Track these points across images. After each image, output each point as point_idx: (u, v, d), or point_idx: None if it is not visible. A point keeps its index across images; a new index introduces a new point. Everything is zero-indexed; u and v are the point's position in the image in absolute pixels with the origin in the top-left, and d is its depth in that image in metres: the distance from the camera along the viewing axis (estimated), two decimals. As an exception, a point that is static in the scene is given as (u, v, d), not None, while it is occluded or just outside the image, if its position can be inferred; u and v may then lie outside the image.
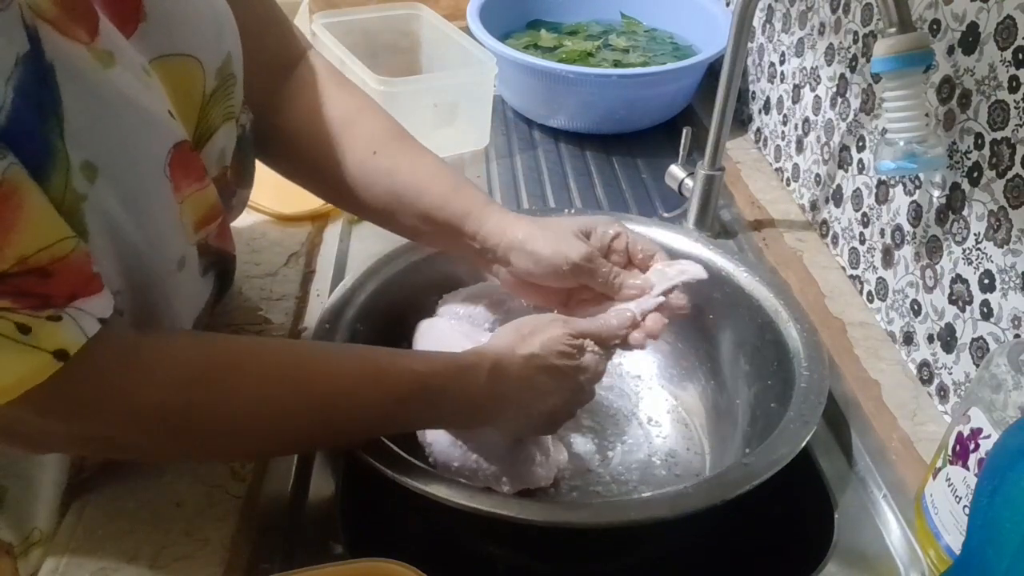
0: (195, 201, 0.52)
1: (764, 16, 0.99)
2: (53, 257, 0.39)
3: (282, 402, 0.50)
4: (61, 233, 0.40)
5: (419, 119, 0.98)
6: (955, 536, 0.53)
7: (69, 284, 0.40)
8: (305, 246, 0.82)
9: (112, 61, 0.44)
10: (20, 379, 0.39)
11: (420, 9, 1.12)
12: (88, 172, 0.42)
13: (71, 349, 0.40)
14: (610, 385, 0.79)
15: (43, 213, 0.39)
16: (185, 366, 0.47)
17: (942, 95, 0.66)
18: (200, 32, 0.53)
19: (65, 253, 0.40)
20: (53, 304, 0.40)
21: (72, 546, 0.53)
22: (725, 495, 0.53)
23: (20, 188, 0.38)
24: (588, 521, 0.54)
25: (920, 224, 0.69)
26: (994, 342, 0.60)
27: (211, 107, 0.55)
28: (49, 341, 0.40)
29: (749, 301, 0.73)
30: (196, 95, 0.53)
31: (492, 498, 0.55)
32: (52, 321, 0.40)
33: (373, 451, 0.55)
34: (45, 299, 0.39)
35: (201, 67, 0.53)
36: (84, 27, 0.42)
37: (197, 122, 0.54)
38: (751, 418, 0.68)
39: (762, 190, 0.95)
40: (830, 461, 0.65)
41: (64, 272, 0.40)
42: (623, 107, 1.04)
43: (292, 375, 0.51)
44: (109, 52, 0.44)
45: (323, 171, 0.66)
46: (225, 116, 0.57)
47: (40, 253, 0.39)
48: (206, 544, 0.53)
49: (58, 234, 0.40)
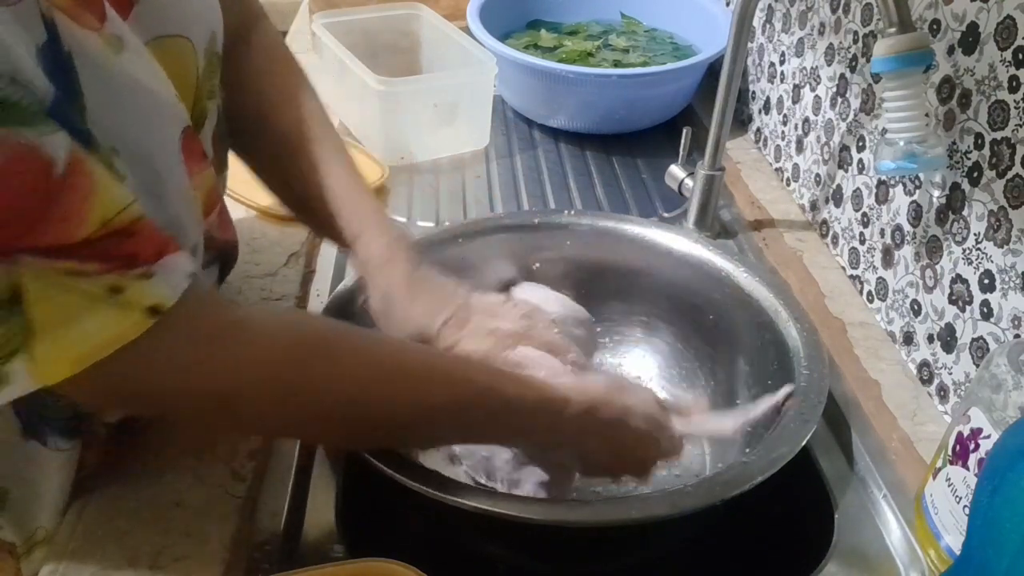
0: (199, 184, 0.52)
1: (764, 16, 0.99)
2: (132, 218, 0.40)
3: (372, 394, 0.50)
4: (130, 196, 0.40)
5: (419, 119, 0.98)
6: (955, 536, 0.53)
7: (153, 242, 0.41)
8: (305, 246, 0.82)
9: (121, 46, 0.44)
10: (113, 337, 0.39)
11: (420, 9, 1.12)
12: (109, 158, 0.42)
13: (164, 304, 0.40)
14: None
15: (111, 179, 0.39)
16: (278, 339, 0.47)
17: (942, 95, 0.66)
18: (190, 11, 0.53)
19: (141, 215, 0.40)
20: (142, 262, 0.40)
21: (72, 546, 0.53)
22: (725, 494, 0.53)
23: (85, 158, 0.38)
24: (588, 520, 0.54)
25: (920, 224, 0.69)
26: (994, 342, 0.60)
27: (202, 89, 0.54)
28: (141, 298, 0.40)
29: (749, 301, 0.73)
30: (191, 76, 0.53)
31: (492, 497, 0.55)
32: (142, 279, 0.40)
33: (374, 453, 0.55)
34: (133, 258, 0.40)
35: (193, 47, 0.52)
36: (93, 13, 0.42)
37: (193, 104, 0.53)
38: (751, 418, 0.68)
39: (762, 190, 0.95)
40: (830, 461, 0.65)
41: (146, 231, 0.40)
42: (623, 107, 1.04)
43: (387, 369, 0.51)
44: (118, 37, 0.44)
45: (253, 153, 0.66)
46: (209, 95, 0.56)
47: (120, 215, 0.39)
48: (206, 544, 0.53)
49: (128, 197, 0.40)
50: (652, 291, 0.80)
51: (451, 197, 0.95)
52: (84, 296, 0.38)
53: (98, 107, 0.41)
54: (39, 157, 0.36)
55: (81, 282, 0.38)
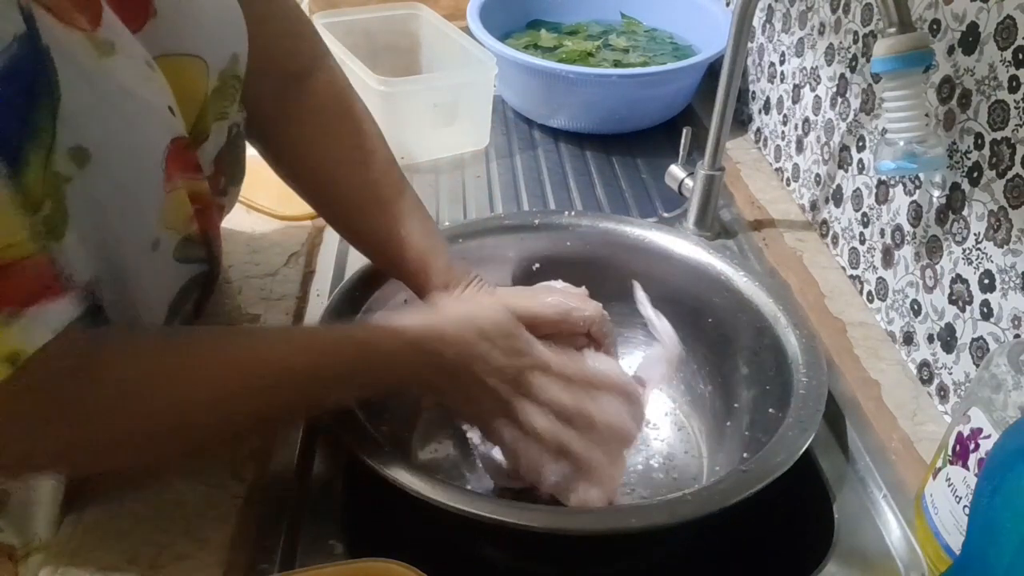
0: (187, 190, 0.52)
1: (764, 16, 1.00)
2: (12, 257, 0.38)
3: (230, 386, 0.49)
4: (21, 235, 0.39)
5: (419, 119, 0.98)
6: (955, 536, 0.53)
7: (27, 286, 0.39)
8: (305, 246, 0.82)
9: (112, 51, 0.44)
10: None
11: (420, 9, 1.12)
12: (79, 156, 0.42)
13: (23, 353, 0.39)
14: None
15: (4, 211, 0.38)
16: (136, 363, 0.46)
17: (942, 95, 0.66)
18: (208, 33, 0.53)
19: (24, 255, 0.39)
20: (6, 305, 0.38)
21: (72, 546, 0.53)
22: (724, 502, 0.53)
23: None
24: (588, 528, 0.54)
25: (920, 224, 0.69)
26: (994, 342, 0.60)
27: (208, 108, 0.55)
28: (2, 345, 0.38)
29: (748, 305, 0.72)
30: (198, 95, 0.53)
31: (493, 503, 0.55)
32: (4, 325, 0.38)
33: (374, 454, 0.55)
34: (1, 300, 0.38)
35: (206, 68, 0.53)
36: (86, 15, 0.43)
37: (195, 122, 0.54)
38: (749, 423, 0.68)
39: (762, 190, 0.95)
40: (830, 461, 0.65)
41: (21, 274, 0.39)
42: (623, 107, 1.04)
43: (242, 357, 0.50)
44: (110, 42, 0.44)
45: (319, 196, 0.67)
46: (217, 116, 0.57)
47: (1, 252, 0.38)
48: (206, 544, 0.53)
49: (17, 234, 0.39)
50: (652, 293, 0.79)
51: (451, 197, 0.95)
52: None
53: (75, 104, 0.41)
54: None
55: None
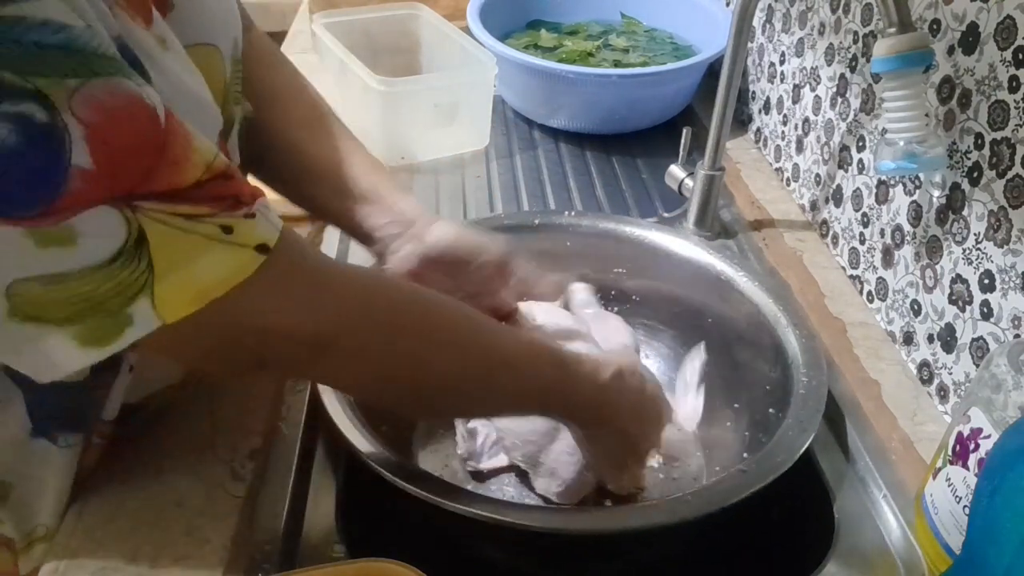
0: None
1: (764, 16, 1.00)
2: (225, 163, 0.41)
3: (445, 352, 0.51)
4: (216, 147, 0.41)
5: (419, 119, 0.98)
6: (955, 536, 0.53)
7: (247, 185, 0.43)
8: (305, 246, 0.82)
9: (166, 46, 0.45)
10: (231, 273, 0.41)
11: (420, 9, 1.12)
12: None
13: (270, 242, 0.42)
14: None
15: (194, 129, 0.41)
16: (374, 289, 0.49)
17: (942, 95, 0.66)
18: (216, 20, 0.53)
19: (228, 160, 0.42)
20: (244, 203, 0.42)
21: (72, 546, 0.53)
22: (724, 502, 0.54)
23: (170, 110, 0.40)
24: (588, 528, 0.55)
25: (920, 224, 0.69)
26: (994, 342, 0.60)
27: (230, 95, 0.55)
28: (250, 237, 0.41)
29: (748, 306, 0.72)
30: (220, 84, 0.53)
31: (492, 504, 0.55)
32: (248, 219, 0.41)
33: (374, 455, 0.55)
34: (237, 200, 0.41)
35: (220, 55, 0.53)
36: (142, 14, 0.43)
37: (222, 111, 0.54)
38: (750, 423, 0.68)
39: (762, 190, 0.95)
40: (830, 461, 0.65)
41: (238, 174, 0.42)
42: (623, 107, 1.04)
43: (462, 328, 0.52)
44: (162, 38, 0.45)
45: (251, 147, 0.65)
46: (236, 100, 0.57)
47: (217, 159, 0.41)
48: (206, 544, 0.53)
49: (215, 146, 0.41)
50: (652, 294, 0.80)
51: (451, 197, 0.95)
52: (200, 237, 0.40)
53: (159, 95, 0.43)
54: (145, 106, 0.38)
55: (196, 224, 0.40)
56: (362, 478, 0.58)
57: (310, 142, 0.65)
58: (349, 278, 0.49)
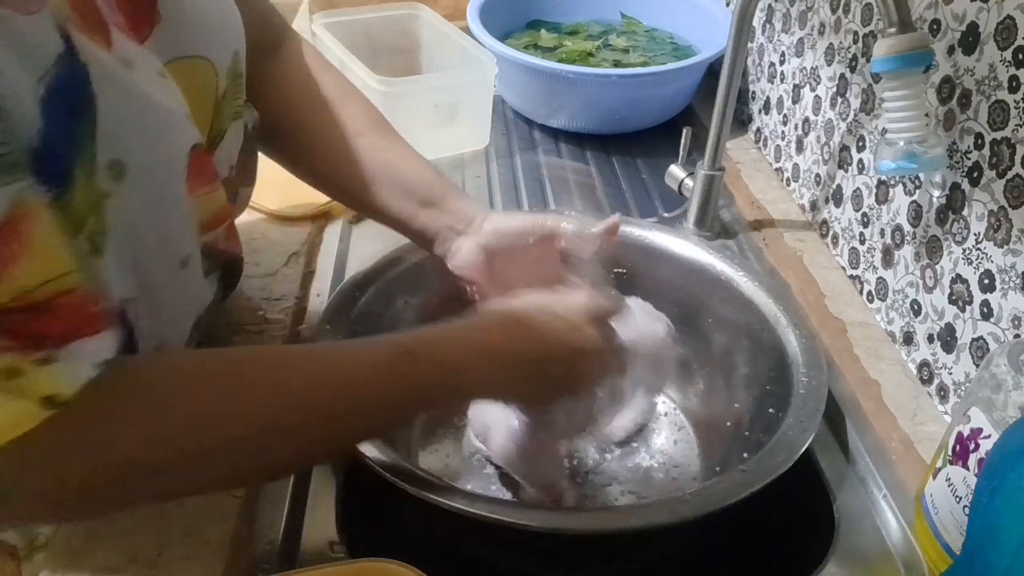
0: (204, 203, 0.52)
1: (764, 16, 1.00)
2: (56, 291, 0.37)
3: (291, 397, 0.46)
4: (68, 266, 0.38)
5: (419, 119, 0.98)
6: (955, 536, 0.53)
7: (69, 322, 0.38)
8: (305, 246, 0.82)
9: (131, 66, 0.44)
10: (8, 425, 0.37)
11: (420, 9, 1.12)
12: (116, 170, 0.42)
13: (62, 395, 0.38)
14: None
15: (52, 243, 0.37)
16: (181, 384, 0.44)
17: (942, 95, 0.66)
18: (211, 33, 0.53)
19: (70, 287, 0.38)
20: (47, 345, 0.37)
21: (73, 546, 0.53)
22: (724, 502, 0.54)
23: (30, 215, 0.36)
24: (587, 528, 0.54)
25: (920, 224, 0.69)
26: (994, 342, 0.60)
27: (223, 108, 0.55)
28: (38, 386, 0.37)
29: (748, 306, 0.72)
30: (210, 97, 0.53)
31: (493, 503, 0.55)
32: (43, 365, 0.37)
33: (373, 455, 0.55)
34: (39, 339, 0.37)
35: (213, 68, 0.53)
36: (100, 36, 0.43)
37: (211, 124, 0.54)
38: (749, 423, 0.68)
39: (762, 190, 0.95)
40: (830, 461, 0.65)
41: (66, 308, 0.38)
42: (623, 107, 1.04)
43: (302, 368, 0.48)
44: (126, 59, 0.44)
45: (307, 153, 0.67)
46: (233, 116, 0.57)
47: (43, 287, 0.37)
48: (206, 544, 0.53)
49: (65, 267, 0.38)
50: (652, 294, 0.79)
51: (451, 197, 0.95)
52: None
53: (110, 119, 0.41)
54: None
55: None
56: (362, 478, 0.58)
57: (370, 148, 0.66)
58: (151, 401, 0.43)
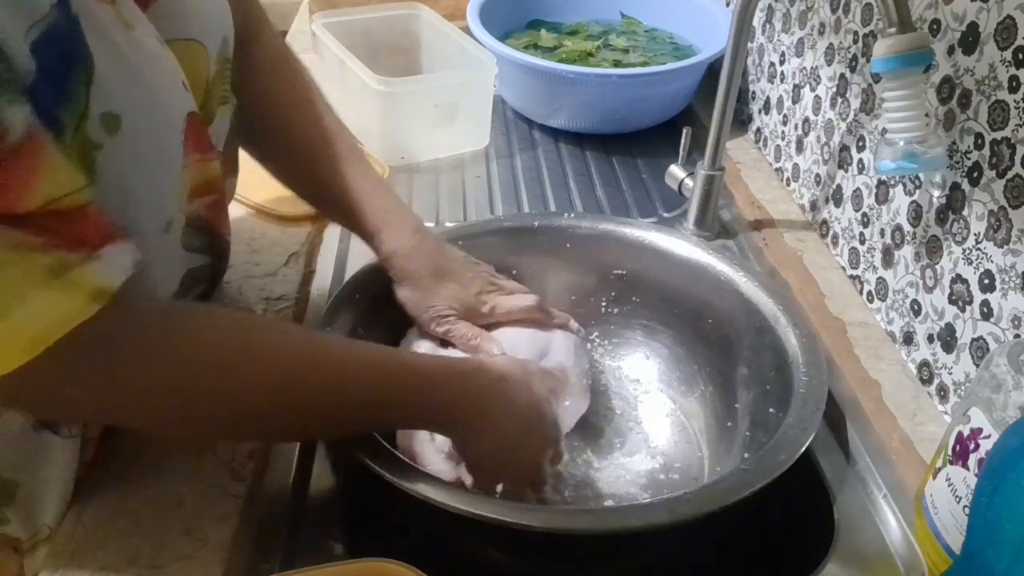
0: (197, 170, 0.53)
1: (764, 16, 1.00)
2: (79, 203, 0.40)
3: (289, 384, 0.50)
4: (81, 182, 0.40)
5: (419, 119, 0.98)
6: (955, 536, 0.53)
7: (100, 229, 0.41)
8: (305, 246, 0.82)
9: (132, 26, 0.45)
10: (62, 318, 0.38)
11: (420, 9, 1.12)
12: (110, 123, 0.43)
13: (109, 288, 0.40)
14: (608, 389, 0.79)
15: (62, 161, 0.39)
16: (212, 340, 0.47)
17: (942, 95, 0.66)
18: (204, 17, 0.54)
19: (87, 201, 0.40)
20: (88, 245, 0.39)
21: (72, 546, 0.53)
22: (724, 501, 0.54)
23: (40, 139, 0.38)
24: (588, 528, 0.54)
25: (920, 224, 0.69)
26: (994, 342, 0.60)
27: (213, 91, 0.55)
28: (85, 280, 0.39)
29: (748, 306, 0.72)
30: (201, 80, 0.54)
31: (492, 504, 0.55)
32: (89, 261, 0.39)
33: (374, 456, 0.55)
34: (79, 240, 0.39)
35: (206, 52, 0.53)
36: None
37: (201, 106, 0.54)
38: (750, 423, 0.68)
39: (762, 190, 0.95)
40: (830, 461, 0.65)
41: (92, 218, 0.40)
42: (623, 107, 1.04)
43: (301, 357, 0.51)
44: (127, 20, 0.45)
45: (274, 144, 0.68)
46: (221, 100, 0.57)
47: (67, 198, 0.39)
48: (206, 544, 0.53)
49: (78, 183, 0.40)
50: (652, 295, 0.80)
51: (451, 197, 0.95)
52: (29, 273, 0.38)
53: (108, 72, 0.42)
54: None
55: (26, 257, 0.37)
56: (362, 478, 0.58)
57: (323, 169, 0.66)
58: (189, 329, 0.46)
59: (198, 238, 0.57)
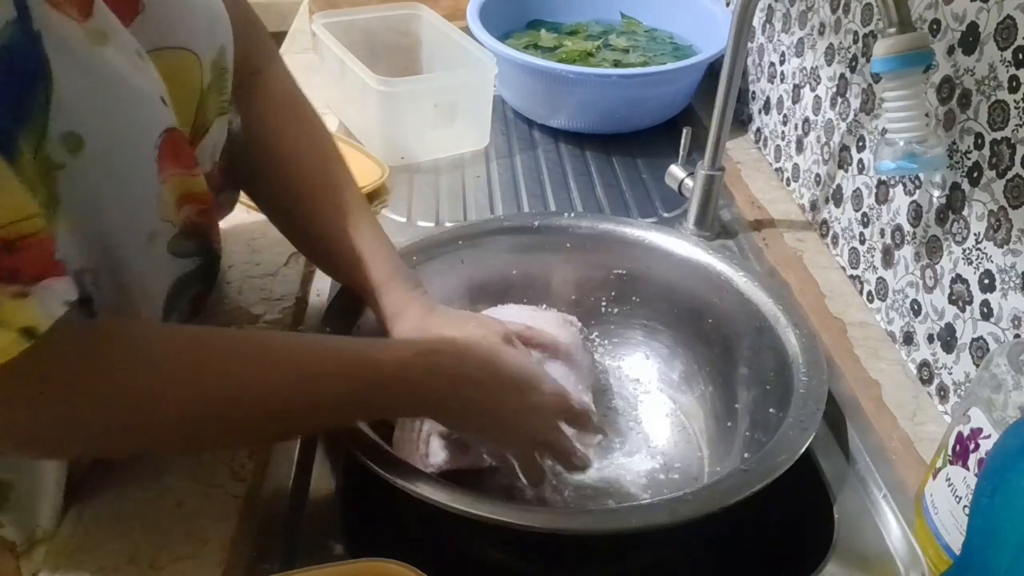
0: (176, 184, 0.52)
1: (764, 16, 1.00)
2: (22, 233, 0.38)
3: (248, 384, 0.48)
4: (31, 210, 0.39)
5: (419, 119, 0.98)
6: (955, 536, 0.53)
7: (37, 262, 0.39)
8: (305, 246, 0.82)
9: (106, 40, 0.44)
10: None
11: (420, 9, 1.12)
12: (71, 142, 0.42)
13: (39, 327, 0.39)
14: (609, 389, 0.79)
15: (13, 187, 0.38)
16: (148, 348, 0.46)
17: (942, 95, 0.66)
18: (195, 25, 0.53)
19: (35, 231, 0.39)
20: (20, 280, 0.38)
21: (72, 546, 0.53)
22: (724, 502, 0.54)
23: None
24: (588, 528, 0.54)
25: (920, 224, 0.69)
26: (994, 342, 0.60)
27: (207, 101, 0.55)
28: (16, 318, 0.38)
29: (748, 306, 0.72)
30: (193, 89, 0.53)
31: (493, 503, 0.55)
32: (18, 298, 0.38)
33: (374, 456, 0.55)
34: (12, 274, 0.38)
35: (198, 60, 0.53)
36: (77, 6, 0.43)
37: (195, 116, 0.54)
38: (750, 423, 0.68)
39: (762, 190, 0.95)
40: (830, 461, 0.65)
41: (32, 250, 0.39)
42: (623, 107, 1.04)
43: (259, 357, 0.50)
44: (103, 32, 0.44)
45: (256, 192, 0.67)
46: (219, 111, 0.57)
47: (10, 226, 0.38)
48: (206, 544, 0.53)
49: (29, 210, 0.39)
50: (652, 294, 0.80)
51: (451, 197, 0.95)
52: None
53: (69, 90, 0.42)
54: None
55: None
56: (362, 478, 0.58)
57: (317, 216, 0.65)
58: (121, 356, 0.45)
59: (188, 244, 0.57)
